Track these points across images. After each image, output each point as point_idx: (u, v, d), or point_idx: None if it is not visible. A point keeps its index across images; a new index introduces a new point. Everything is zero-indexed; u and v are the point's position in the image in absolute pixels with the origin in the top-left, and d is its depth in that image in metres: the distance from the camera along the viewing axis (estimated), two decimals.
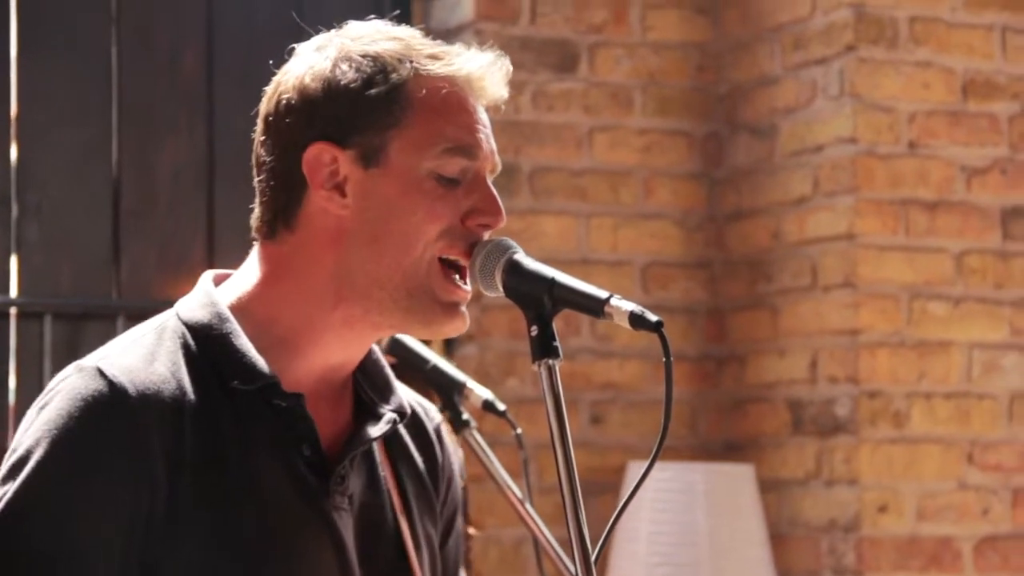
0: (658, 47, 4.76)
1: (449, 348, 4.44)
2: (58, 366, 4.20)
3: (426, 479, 1.98)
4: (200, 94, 4.45)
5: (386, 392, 1.94)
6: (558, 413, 1.80)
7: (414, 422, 1.98)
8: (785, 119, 4.62)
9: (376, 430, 1.89)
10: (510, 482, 2.68)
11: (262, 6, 4.55)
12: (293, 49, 1.90)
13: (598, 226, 4.67)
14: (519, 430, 2.74)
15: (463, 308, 1.86)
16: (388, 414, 1.91)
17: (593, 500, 4.56)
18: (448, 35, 4.63)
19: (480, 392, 2.69)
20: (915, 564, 4.39)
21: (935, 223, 4.48)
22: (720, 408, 4.77)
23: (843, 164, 4.45)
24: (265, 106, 1.88)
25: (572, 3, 4.68)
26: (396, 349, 2.67)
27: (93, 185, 4.38)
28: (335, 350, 1.87)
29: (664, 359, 1.78)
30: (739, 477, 4.46)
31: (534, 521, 2.70)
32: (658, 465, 4.79)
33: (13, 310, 4.27)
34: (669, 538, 4.34)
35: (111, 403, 1.76)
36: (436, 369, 2.70)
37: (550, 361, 1.79)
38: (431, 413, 2.03)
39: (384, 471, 1.93)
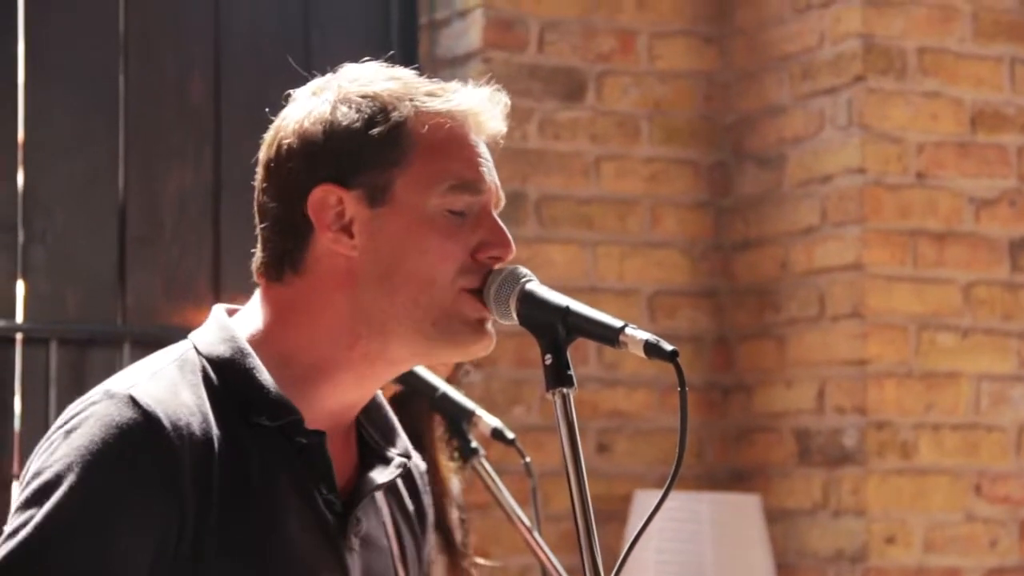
0: (665, 76, 4.76)
1: (455, 376, 4.42)
2: (63, 392, 4.23)
3: (415, 523, 1.99)
4: (207, 121, 4.45)
5: (391, 436, 1.94)
6: (572, 441, 1.79)
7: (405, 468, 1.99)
8: (793, 149, 4.62)
9: (387, 474, 1.90)
10: (518, 510, 2.67)
11: (269, 33, 4.55)
12: (290, 95, 1.90)
13: (605, 255, 4.66)
14: (528, 459, 2.73)
15: (489, 326, 1.86)
16: (396, 458, 1.92)
17: (600, 529, 4.50)
18: (455, 63, 4.63)
19: (489, 420, 2.69)
20: None
21: (943, 254, 4.47)
22: (727, 437, 4.75)
23: (851, 194, 4.44)
24: (265, 153, 1.88)
25: (580, 31, 4.68)
26: (405, 378, 2.67)
27: (99, 211, 4.37)
28: (351, 388, 1.87)
29: (679, 388, 1.78)
30: (746, 507, 4.44)
31: (542, 550, 2.69)
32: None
33: (19, 335, 4.26)
34: (676, 568, 4.32)
35: (146, 432, 1.74)
36: (445, 397, 2.70)
37: (564, 390, 1.79)
38: (417, 459, 2.03)
39: (386, 515, 1.94)
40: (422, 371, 2.70)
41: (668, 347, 1.77)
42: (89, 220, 4.36)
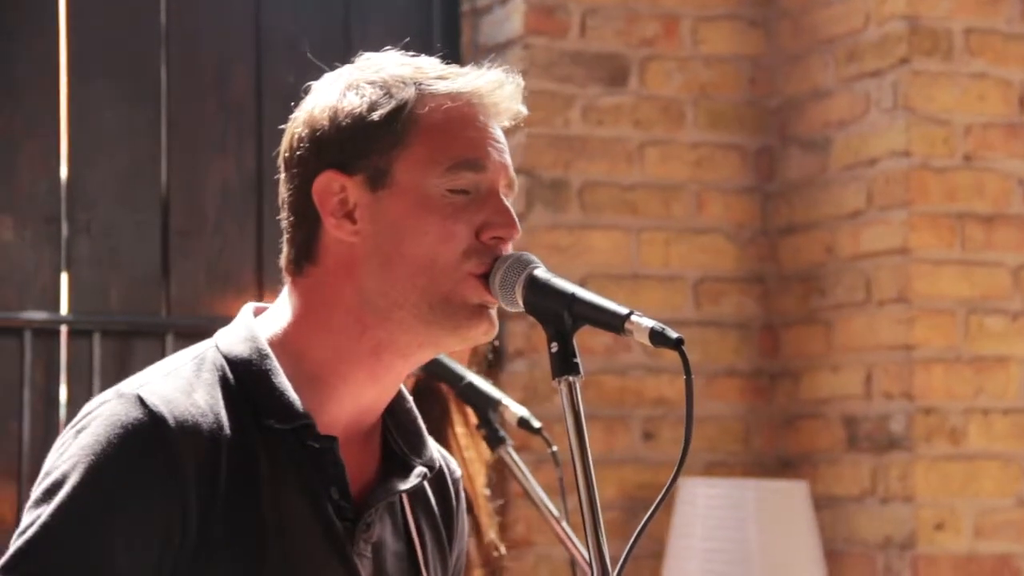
0: (710, 60, 4.73)
1: (498, 364, 4.42)
2: (107, 383, 4.23)
3: (442, 530, 1.97)
4: (248, 113, 4.46)
5: (417, 444, 1.92)
6: (578, 430, 1.78)
7: (436, 472, 1.97)
8: (839, 132, 4.58)
9: (405, 483, 1.89)
10: (546, 500, 2.67)
11: (310, 25, 4.56)
12: (310, 87, 1.90)
13: (649, 241, 4.64)
14: (555, 447, 2.72)
15: (492, 311, 1.83)
16: (418, 467, 1.91)
17: (643, 516, 4.52)
18: (498, 50, 4.62)
19: (515, 409, 2.69)
20: None
21: (992, 237, 4.42)
22: (773, 424, 4.72)
23: (897, 177, 4.40)
24: (282, 145, 1.89)
25: (623, 16, 4.65)
26: (432, 367, 2.67)
27: (143, 204, 4.40)
28: (366, 387, 1.85)
29: (685, 376, 1.80)
30: (793, 494, 4.41)
31: (570, 539, 2.68)
32: (710, 482, 4.73)
33: (64, 327, 4.29)
34: (722, 556, 4.30)
35: (150, 432, 1.74)
36: (471, 386, 2.70)
37: (571, 378, 1.77)
38: (452, 466, 2.02)
39: (408, 520, 1.92)
40: (447, 360, 2.70)
41: (673, 335, 1.76)
42: (133, 213, 4.39)
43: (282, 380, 1.81)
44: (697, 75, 4.72)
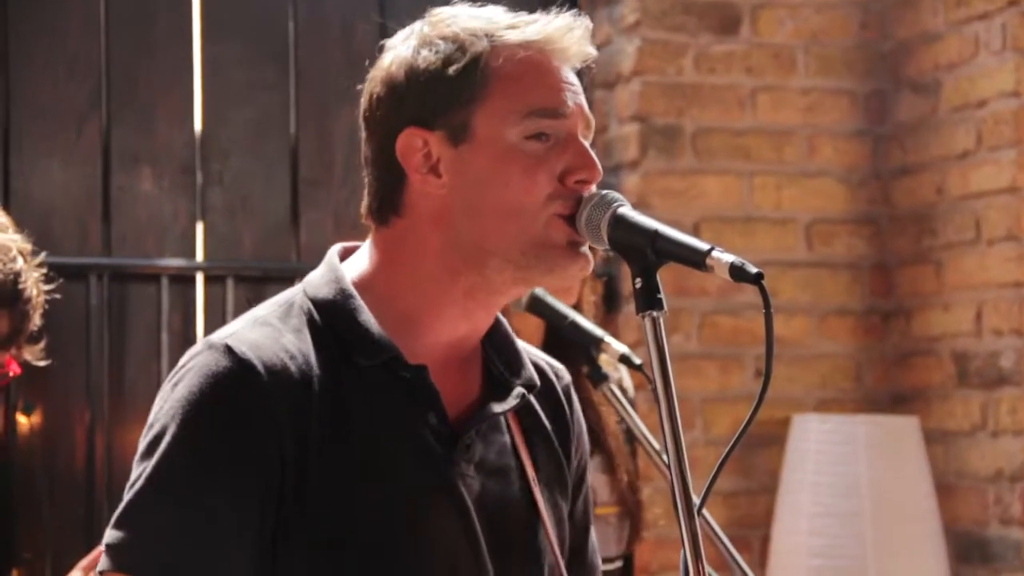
0: (820, 6, 4.81)
1: (612, 306, 4.55)
2: None
3: (555, 444, 1.99)
4: (373, 64, 4.60)
5: (516, 365, 1.95)
6: (662, 364, 1.80)
7: (544, 385, 1.99)
8: (948, 75, 4.64)
9: (504, 405, 1.92)
10: (648, 435, 2.72)
11: None
12: (383, 46, 1.94)
13: (762, 185, 4.74)
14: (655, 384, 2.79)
15: (584, 249, 1.86)
16: (517, 388, 1.93)
17: (760, 452, 4.65)
18: (611, 1, 4.73)
19: (617, 347, 2.73)
20: None
21: None
22: (886, 361, 4.81)
23: (1006, 118, 4.46)
24: (362, 104, 1.93)
25: None
26: (535, 307, 2.77)
27: (273, 155, 4.57)
28: (459, 322, 1.90)
29: (765, 311, 1.79)
30: (904, 429, 4.51)
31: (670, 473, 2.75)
32: (822, 418, 4.80)
33: (199, 274, 4.48)
34: (834, 489, 4.41)
35: (241, 379, 1.79)
36: (574, 324, 2.75)
37: (654, 313, 1.80)
38: (560, 373, 2.05)
39: (516, 439, 1.94)
40: (552, 300, 2.78)
41: (753, 269, 1.76)
42: (263, 163, 4.57)
43: (367, 317, 1.85)
44: (808, 21, 4.80)
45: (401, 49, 1.90)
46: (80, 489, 4.33)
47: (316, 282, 1.91)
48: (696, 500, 1.80)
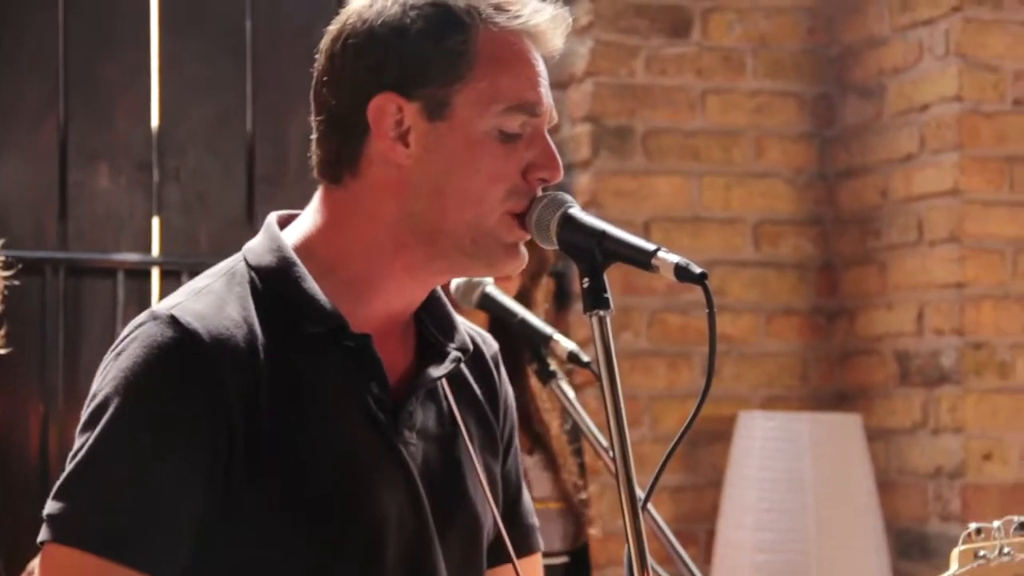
0: (770, 11, 4.89)
1: (563, 304, 4.62)
2: None
3: (486, 408, 2.00)
4: None
5: (449, 330, 1.95)
6: (608, 363, 1.81)
7: (474, 352, 2.00)
8: (893, 79, 4.73)
9: (441, 369, 1.92)
10: (596, 431, 2.69)
11: None
12: None
13: (710, 185, 4.82)
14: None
15: (522, 247, 1.88)
16: (452, 352, 1.94)
17: (706, 448, 4.73)
18: (565, 1, 4.79)
19: (566, 344, 2.73)
20: (1020, 510, 4.46)
21: None
22: (830, 360, 4.90)
23: (948, 122, 4.55)
24: (330, 45, 1.88)
25: None
26: (486, 304, 2.80)
27: (229, 151, 4.61)
28: (396, 297, 1.89)
29: (708, 310, 1.86)
30: (847, 426, 4.58)
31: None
32: (767, 415, 4.88)
33: (155, 269, 4.52)
34: (778, 485, 4.48)
35: (186, 349, 1.77)
36: (524, 322, 2.73)
37: (601, 312, 1.82)
38: (488, 341, 2.05)
39: (451, 405, 1.95)
40: (502, 297, 2.80)
41: (697, 270, 1.80)
42: (219, 160, 4.61)
43: (311, 285, 1.83)
44: (757, 25, 4.88)
45: (388, 8, 1.85)
46: (33, 483, 4.34)
47: (257, 250, 1.90)
48: (641, 495, 1.84)
